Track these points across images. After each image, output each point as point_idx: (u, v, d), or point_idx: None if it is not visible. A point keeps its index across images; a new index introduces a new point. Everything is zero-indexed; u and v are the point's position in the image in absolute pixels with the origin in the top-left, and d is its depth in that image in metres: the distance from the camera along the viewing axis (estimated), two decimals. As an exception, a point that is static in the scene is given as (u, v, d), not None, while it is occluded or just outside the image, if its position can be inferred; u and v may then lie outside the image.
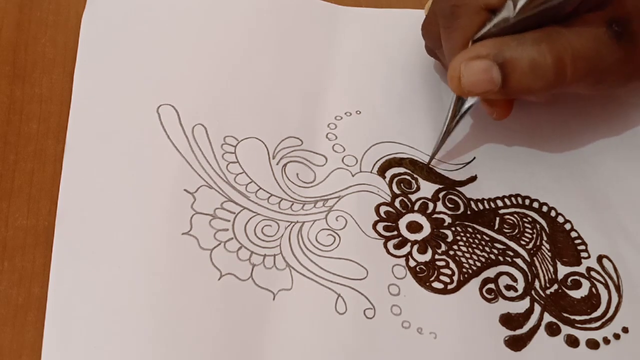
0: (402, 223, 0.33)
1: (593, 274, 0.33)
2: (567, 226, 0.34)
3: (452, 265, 0.32)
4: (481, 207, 0.34)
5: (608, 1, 0.30)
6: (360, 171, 0.34)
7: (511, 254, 0.33)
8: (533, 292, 0.32)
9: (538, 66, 0.30)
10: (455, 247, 0.33)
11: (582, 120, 0.37)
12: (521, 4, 0.29)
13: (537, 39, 0.30)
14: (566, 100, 0.38)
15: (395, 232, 0.33)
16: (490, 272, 0.32)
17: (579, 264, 0.33)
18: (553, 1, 0.29)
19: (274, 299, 0.30)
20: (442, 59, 0.36)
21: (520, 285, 0.32)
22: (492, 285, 0.32)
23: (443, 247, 0.32)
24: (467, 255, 0.32)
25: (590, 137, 0.37)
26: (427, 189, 0.34)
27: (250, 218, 0.32)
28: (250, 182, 0.33)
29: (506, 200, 0.34)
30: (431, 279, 0.31)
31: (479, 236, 0.33)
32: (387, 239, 0.32)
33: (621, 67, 0.31)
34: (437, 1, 0.33)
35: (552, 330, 0.31)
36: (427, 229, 0.33)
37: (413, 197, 0.34)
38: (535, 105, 0.37)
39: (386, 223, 0.33)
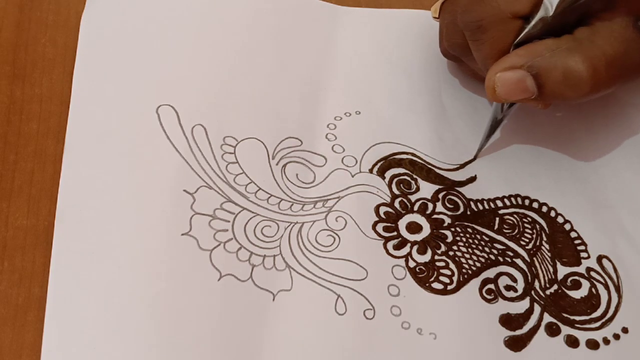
0: (402, 224, 0.33)
1: (593, 274, 0.33)
2: (567, 226, 0.34)
3: (452, 265, 0.32)
4: (481, 207, 0.34)
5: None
6: (360, 172, 0.34)
7: (511, 254, 0.33)
8: (533, 293, 0.32)
9: (572, 75, 0.30)
10: (454, 247, 0.33)
11: (582, 121, 0.37)
12: (556, 1, 0.29)
13: (570, 48, 0.30)
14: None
15: (395, 233, 0.33)
16: (490, 273, 0.32)
17: (578, 264, 0.33)
18: None
19: (273, 299, 0.30)
20: (469, 64, 0.36)
21: (520, 286, 0.32)
22: (491, 286, 0.32)
23: (443, 248, 0.32)
24: (467, 255, 0.32)
25: (591, 137, 0.37)
26: (427, 189, 0.34)
27: (250, 218, 0.32)
28: (249, 183, 0.33)
29: (506, 200, 0.34)
30: (431, 280, 0.31)
31: (478, 236, 0.33)
32: (387, 239, 0.32)
33: None
34: (461, 14, 0.33)
35: (552, 331, 0.31)
36: (426, 230, 0.33)
37: (413, 197, 0.34)
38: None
39: (386, 224, 0.33)
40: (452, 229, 0.33)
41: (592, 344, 0.31)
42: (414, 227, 0.33)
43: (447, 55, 0.37)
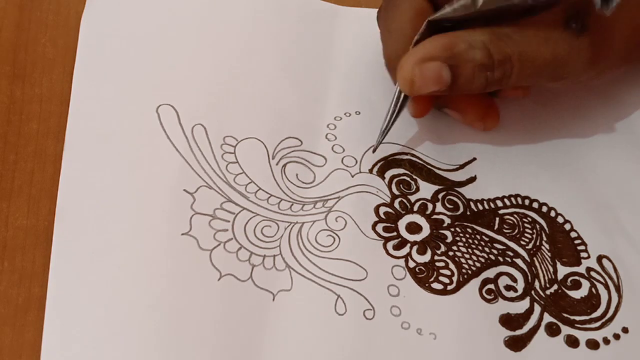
0: (402, 224, 0.33)
1: (593, 274, 0.33)
2: (567, 226, 0.34)
3: (452, 265, 0.32)
4: (481, 207, 0.34)
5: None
6: (360, 172, 0.34)
7: (511, 254, 0.33)
8: (533, 293, 0.32)
9: (486, 68, 0.30)
10: (454, 247, 0.33)
11: (582, 121, 0.37)
12: None
13: (487, 40, 0.30)
14: (566, 101, 0.38)
15: (395, 233, 0.33)
16: (490, 273, 0.32)
17: (578, 264, 0.33)
18: None
19: (273, 299, 0.30)
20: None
21: (520, 286, 0.32)
22: (491, 286, 0.32)
23: (442, 248, 0.32)
24: (467, 255, 0.32)
25: (591, 138, 0.37)
26: (427, 189, 0.34)
27: (250, 218, 0.32)
28: (249, 183, 0.33)
29: (506, 200, 0.34)
30: (431, 280, 0.31)
31: (478, 237, 0.33)
32: (387, 239, 0.32)
33: (585, 62, 0.31)
34: None
35: (552, 331, 0.31)
36: (426, 230, 0.33)
37: (412, 198, 0.34)
38: (535, 106, 0.37)
39: (385, 224, 0.33)
40: (452, 229, 0.33)
41: (592, 344, 0.31)
42: (413, 228, 0.33)
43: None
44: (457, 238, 0.33)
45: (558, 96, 0.37)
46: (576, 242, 0.34)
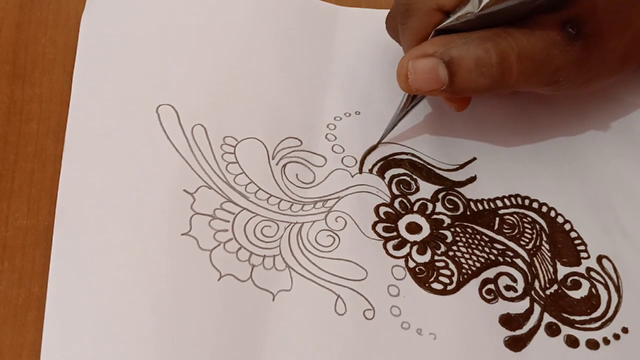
0: (402, 224, 0.33)
1: (593, 274, 0.33)
2: (567, 226, 0.34)
3: (452, 265, 0.32)
4: (481, 207, 0.34)
5: (566, 3, 0.30)
6: (360, 172, 0.34)
7: (511, 254, 0.33)
8: (533, 293, 0.32)
9: (483, 64, 0.30)
10: (454, 247, 0.33)
11: (582, 121, 0.37)
12: (485, 1, 0.29)
13: (483, 37, 0.30)
14: (566, 101, 0.38)
15: (395, 233, 0.33)
16: (490, 273, 0.32)
17: (578, 264, 0.33)
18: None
19: (273, 299, 0.30)
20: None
21: (520, 286, 0.32)
22: (491, 286, 0.32)
23: (442, 248, 0.32)
24: (467, 255, 0.32)
25: (590, 138, 0.37)
26: (427, 189, 0.34)
27: (250, 219, 0.32)
28: (249, 183, 0.33)
29: (506, 200, 0.34)
30: (430, 280, 0.31)
31: (478, 237, 0.33)
32: (387, 239, 0.32)
33: (577, 68, 0.31)
34: None
35: (552, 331, 0.31)
36: (426, 230, 0.33)
37: (412, 198, 0.34)
38: (536, 106, 0.37)
39: (385, 224, 0.33)
40: (452, 229, 0.33)
41: (592, 344, 0.31)
42: (413, 228, 0.33)
43: (393, 38, 0.37)
44: (457, 238, 0.33)
45: (558, 96, 0.37)
46: (576, 242, 0.34)
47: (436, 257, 0.32)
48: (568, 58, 0.30)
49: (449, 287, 0.31)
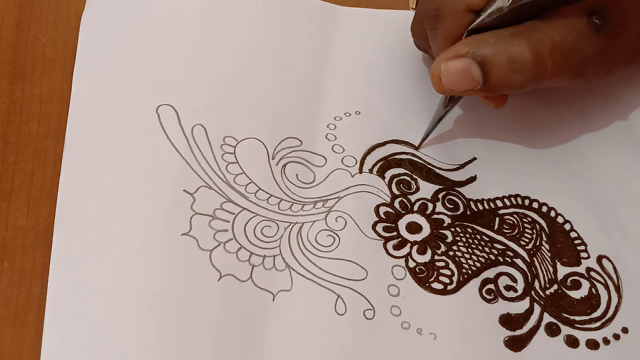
0: (402, 224, 0.33)
1: (593, 274, 0.33)
2: (567, 226, 0.34)
3: (452, 265, 0.32)
4: (481, 207, 0.34)
5: None
6: (360, 172, 0.34)
7: (511, 254, 0.33)
8: (533, 293, 0.32)
9: (516, 61, 0.30)
10: (454, 247, 0.33)
11: (582, 121, 0.37)
12: None
13: (514, 33, 0.30)
14: (566, 101, 0.38)
15: (395, 233, 0.33)
16: (490, 273, 0.32)
17: (578, 264, 0.33)
18: None
19: (273, 299, 0.30)
20: (433, 56, 0.36)
21: (520, 286, 0.32)
22: (491, 286, 0.32)
23: (442, 248, 0.32)
24: (467, 255, 0.32)
25: (591, 138, 0.37)
26: (427, 189, 0.34)
27: (250, 219, 0.32)
28: (249, 183, 0.33)
29: (506, 200, 0.34)
30: (431, 280, 0.31)
31: (478, 236, 0.33)
32: (387, 239, 0.32)
33: (601, 58, 0.31)
34: (421, 2, 0.33)
35: (552, 331, 0.31)
36: (426, 230, 0.33)
37: (412, 197, 0.34)
38: (536, 105, 0.37)
39: (386, 224, 0.33)
40: (452, 229, 0.33)
41: (592, 344, 0.31)
42: (413, 227, 0.33)
43: (418, 47, 0.37)
44: (457, 238, 0.33)
45: (558, 96, 0.37)
46: (576, 242, 0.34)
47: (436, 257, 0.32)
48: (595, 49, 0.30)
49: (449, 287, 0.31)
